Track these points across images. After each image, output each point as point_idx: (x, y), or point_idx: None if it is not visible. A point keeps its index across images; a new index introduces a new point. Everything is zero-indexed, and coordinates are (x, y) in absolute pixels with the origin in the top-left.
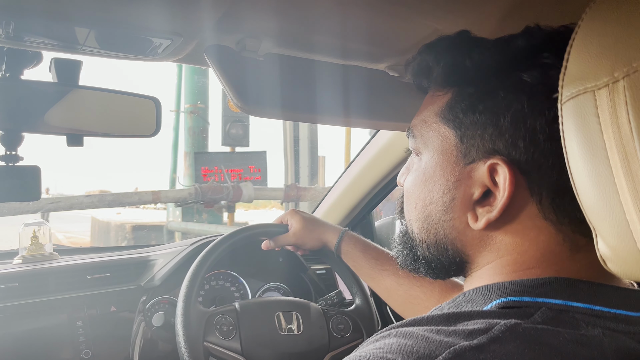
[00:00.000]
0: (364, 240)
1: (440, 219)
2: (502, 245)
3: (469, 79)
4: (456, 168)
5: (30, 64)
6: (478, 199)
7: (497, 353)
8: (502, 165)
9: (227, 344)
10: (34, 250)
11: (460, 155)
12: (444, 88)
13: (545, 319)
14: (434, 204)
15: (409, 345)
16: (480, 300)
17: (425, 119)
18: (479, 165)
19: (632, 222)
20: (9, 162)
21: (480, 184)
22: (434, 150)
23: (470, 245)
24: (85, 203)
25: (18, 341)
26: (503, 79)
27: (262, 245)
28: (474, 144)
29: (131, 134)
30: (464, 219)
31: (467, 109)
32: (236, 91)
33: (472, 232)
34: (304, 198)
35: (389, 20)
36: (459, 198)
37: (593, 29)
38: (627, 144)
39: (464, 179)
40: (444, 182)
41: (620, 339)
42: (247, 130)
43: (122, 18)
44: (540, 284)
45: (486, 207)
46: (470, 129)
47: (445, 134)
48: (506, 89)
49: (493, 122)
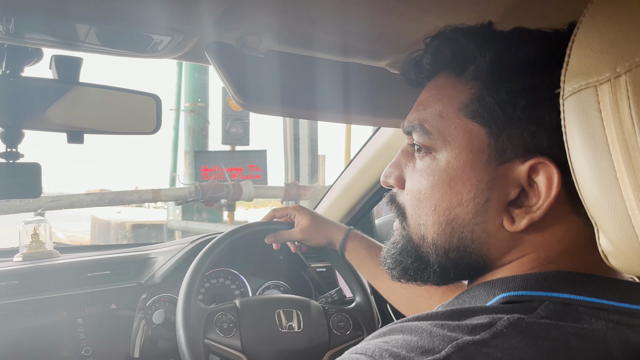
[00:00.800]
0: (368, 239)
1: (470, 221)
2: (530, 244)
3: (514, 73)
4: (489, 167)
5: (30, 61)
6: (513, 199)
7: (500, 348)
8: (548, 164)
9: (227, 341)
10: (35, 248)
11: (494, 154)
12: (471, 80)
13: (549, 313)
14: (463, 205)
15: (414, 340)
16: (483, 296)
17: (441, 113)
18: (516, 165)
19: (634, 216)
20: (9, 159)
21: (517, 184)
22: (460, 148)
23: (498, 247)
24: (86, 201)
25: (18, 339)
26: (545, 76)
27: (265, 239)
28: (512, 142)
29: (131, 132)
30: (498, 221)
31: (506, 104)
32: (237, 88)
33: (504, 234)
34: (304, 196)
35: (389, 17)
36: (493, 199)
37: (595, 24)
38: (629, 138)
39: (498, 179)
40: (475, 182)
41: (624, 332)
42: (247, 129)
43: (123, 15)
44: (543, 278)
45: (523, 208)
46: (508, 126)
47: (473, 130)
48: (549, 85)
49: (536, 120)
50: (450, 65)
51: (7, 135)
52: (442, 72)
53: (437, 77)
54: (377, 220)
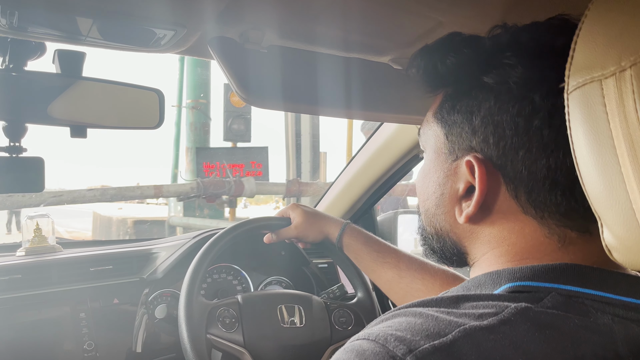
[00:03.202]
0: (365, 233)
1: (434, 212)
2: (491, 238)
3: (448, 81)
4: (445, 165)
5: (33, 55)
6: (463, 194)
7: (507, 335)
8: (474, 161)
9: (229, 336)
10: (37, 243)
11: (447, 152)
12: (437, 89)
13: (555, 304)
14: (429, 199)
15: (418, 323)
16: (489, 285)
17: (427, 119)
18: (461, 162)
19: (638, 211)
20: (12, 154)
21: (464, 180)
22: (430, 149)
23: (464, 237)
24: (88, 197)
25: (21, 333)
26: (474, 80)
27: (264, 238)
28: (456, 141)
29: (135, 126)
30: (453, 213)
31: (450, 108)
32: (240, 83)
33: (462, 225)
34: (306, 193)
35: (392, 12)
36: (447, 193)
37: (599, 18)
38: (633, 132)
39: (450, 175)
40: (435, 178)
41: (630, 326)
42: (248, 126)
43: (126, 9)
44: (551, 269)
45: (468, 202)
46: (453, 127)
47: (437, 132)
48: (477, 88)
49: (468, 121)
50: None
51: (10, 129)
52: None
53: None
54: (379, 216)
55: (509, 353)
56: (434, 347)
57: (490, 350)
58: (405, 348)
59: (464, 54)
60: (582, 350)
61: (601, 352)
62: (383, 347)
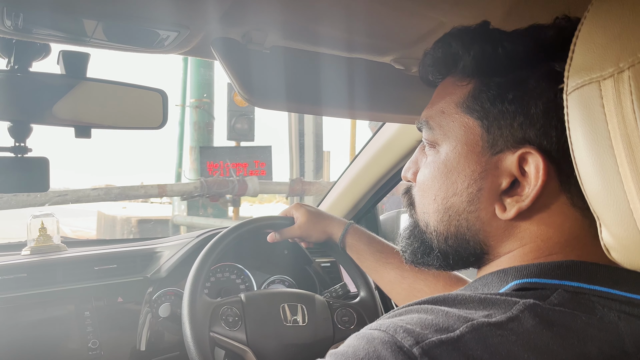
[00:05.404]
0: (368, 233)
1: (464, 210)
2: (527, 233)
3: (500, 68)
4: (482, 158)
5: (38, 56)
6: (506, 189)
7: (515, 331)
8: (535, 154)
9: (232, 334)
10: (42, 242)
11: (487, 145)
12: (467, 78)
13: (562, 301)
14: (458, 195)
15: (429, 319)
16: (496, 283)
17: (443, 109)
18: (507, 155)
19: (635, 211)
20: (17, 154)
21: (509, 174)
22: (457, 141)
23: (494, 235)
24: (92, 196)
25: (26, 331)
26: (533, 69)
27: (267, 237)
28: (502, 133)
29: (138, 126)
30: (491, 210)
31: (495, 98)
32: (242, 83)
33: (498, 222)
34: (309, 192)
35: (394, 12)
36: (486, 189)
37: (598, 20)
38: (631, 133)
39: (490, 170)
40: (469, 173)
41: (636, 323)
42: (252, 125)
43: (130, 10)
44: (556, 266)
45: (515, 197)
46: (499, 118)
47: (469, 124)
48: (537, 78)
49: (524, 112)
50: (445, 65)
51: (16, 130)
52: (450, 74)
53: (445, 79)
54: (382, 215)
55: (515, 349)
56: (441, 341)
57: (497, 345)
58: (412, 340)
59: (525, 40)
60: (588, 347)
61: (607, 350)
62: (392, 337)
